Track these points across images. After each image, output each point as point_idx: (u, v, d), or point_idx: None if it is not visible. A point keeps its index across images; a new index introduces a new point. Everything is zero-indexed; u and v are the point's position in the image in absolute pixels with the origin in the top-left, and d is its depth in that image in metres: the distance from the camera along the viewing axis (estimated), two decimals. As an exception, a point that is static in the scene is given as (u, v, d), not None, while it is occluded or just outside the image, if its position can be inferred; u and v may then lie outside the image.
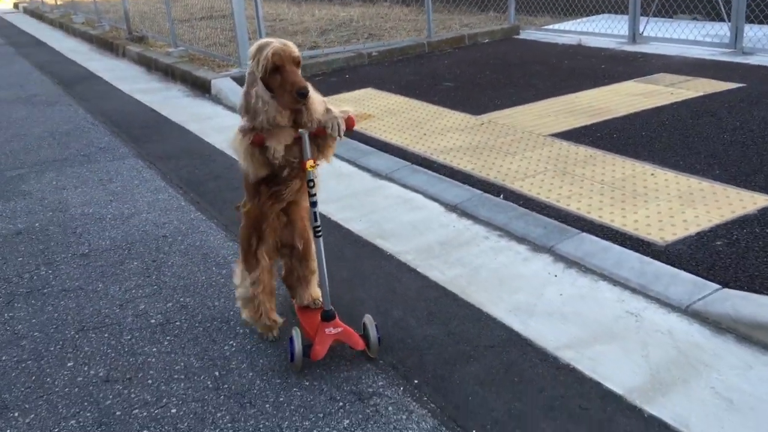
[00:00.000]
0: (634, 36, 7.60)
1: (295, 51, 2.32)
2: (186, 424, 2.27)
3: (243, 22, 7.56)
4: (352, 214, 3.89)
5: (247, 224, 2.61)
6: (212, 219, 3.98)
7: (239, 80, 7.27)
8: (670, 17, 8.56)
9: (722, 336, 2.57)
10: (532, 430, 2.15)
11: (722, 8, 7.04)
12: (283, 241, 2.67)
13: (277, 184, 2.47)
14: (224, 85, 7.17)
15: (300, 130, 2.36)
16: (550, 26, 9.06)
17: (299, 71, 2.31)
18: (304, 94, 2.25)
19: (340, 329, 2.49)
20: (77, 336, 2.83)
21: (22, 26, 16.43)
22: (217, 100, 7.03)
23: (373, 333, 2.52)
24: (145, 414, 2.33)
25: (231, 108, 6.67)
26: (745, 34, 6.80)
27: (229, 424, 2.25)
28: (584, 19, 9.12)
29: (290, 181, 2.47)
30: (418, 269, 3.22)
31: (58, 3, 17.86)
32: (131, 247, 3.65)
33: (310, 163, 2.38)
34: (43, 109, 7.12)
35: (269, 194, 2.49)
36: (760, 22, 7.44)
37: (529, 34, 8.89)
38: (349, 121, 2.42)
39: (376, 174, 4.51)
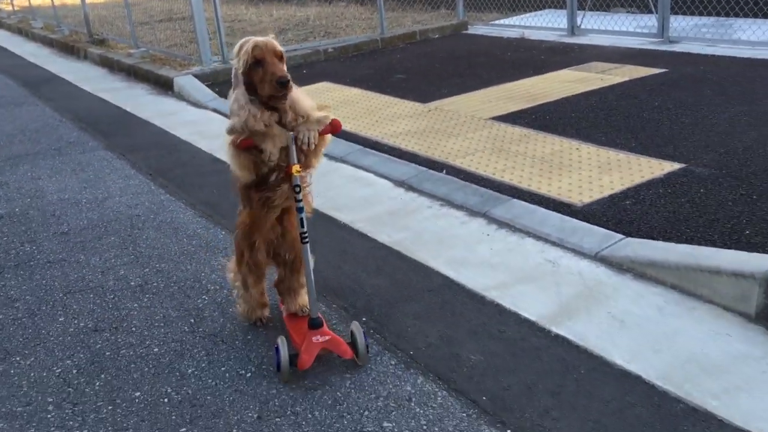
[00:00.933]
0: (573, 29, 8.13)
1: (277, 45, 2.33)
2: (167, 359, 2.65)
3: (203, 23, 7.90)
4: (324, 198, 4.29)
5: (241, 231, 2.63)
6: (180, 200, 4.35)
7: (201, 77, 7.62)
8: (608, 11, 9.13)
9: (622, 275, 3.03)
10: (458, 348, 2.59)
11: (650, 0, 7.61)
12: (276, 250, 2.68)
13: (267, 189, 2.46)
14: (186, 82, 7.50)
15: (288, 132, 2.36)
16: (497, 21, 9.56)
17: (282, 65, 2.30)
18: (284, 83, 2.25)
19: (327, 337, 2.48)
20: (65, 297, 3.19)
21: (-21, 32, 16.44)
22: (180, 97, 7.36)
23: (361, 340, 2.50)
24: (131, 353, 2.71)
25: (194, 104, 7.01)
26: (671, 25, 7.37)
27: (205, 357, 2.65)
28: (529, 14, 9.64)
29: (278, 186, 2.45)
30: (368, 234, 3.64)
31: (15, 9, 17.89)
32: (107, 225, 4.01)
33: (296, 167, 2.36)
34: (11, 109, 7.38)
35: (261, 200, 2.48)
36: (685, 14, 8.03)
37: (476, 29, 9.39)
38: (336, 124, 2.44)
39: (331, 158, 4.92)
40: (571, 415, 2.20)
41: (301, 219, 2.45)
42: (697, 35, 7.25)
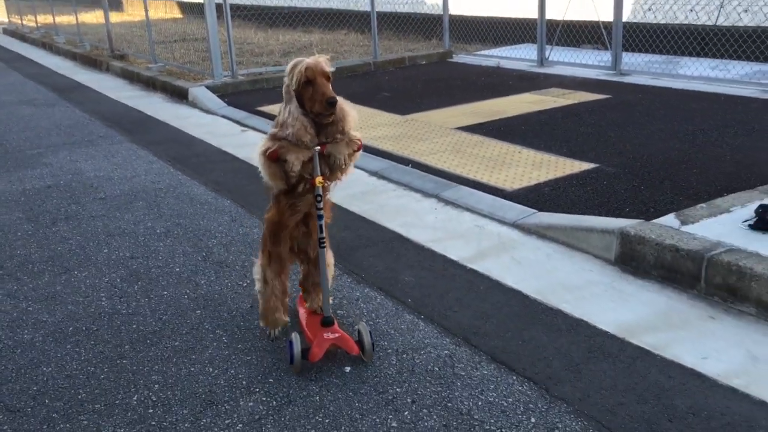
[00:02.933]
0: (542, 60, 9.22)
1: (326, 66, 2.52)
2: (186, 275, 3.64)
3: (216, 43, 9.00)
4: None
5: (267, 227, 2.84)
6: (194, 179, 5.36)
7: (212, 89, 8.69)
8: (577, 46, 10.23)
9: (529, 236, 4.03)
10: (397, 274, 3.58)
11: (605, 39, 8.71)
12: (301, 247, 2.90)
13: (294, 197, 2.68)
14: (200, 92, 8.57)
15: (315, 147, 2.56)
16: (479, 52, 10.67)
17: (329, 84, 2.51)
18: (332, 103, 2.46)
19: (337, 335, 2.70)
20: (107, 238, 4.19)
21: (5, 45, 17.63)
22: (194, 105, 8.42)
23: (367, 339, 2.73)
24: (159, 271, 3.70)
25: (206, 111, 8.06)
26: (626, 60, 8.45)
27: (213, 275, 3.63)
28: (508, 47, 10.75)
29: (304, 195, 2.67)
30: (342, 206, 4.64)
31: (39, 25, 19.09)
32: (136, 194, 5.02)
33: (319, 179, 2.58)
34: (45, 109, 8.43)
35: (287, 205, 2.71)
36: (642, 51, 9.13)
37: (460, 57, 10.49)
38: (360, 146, 2.70)
39: (320, 154, 5.93)
40: (467, 310, 3.18)
41: (320, 225, 2.69)
42: (647, 69, 8.33)
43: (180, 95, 8.89)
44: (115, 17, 15.53)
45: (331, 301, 2.91)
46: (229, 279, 3.58)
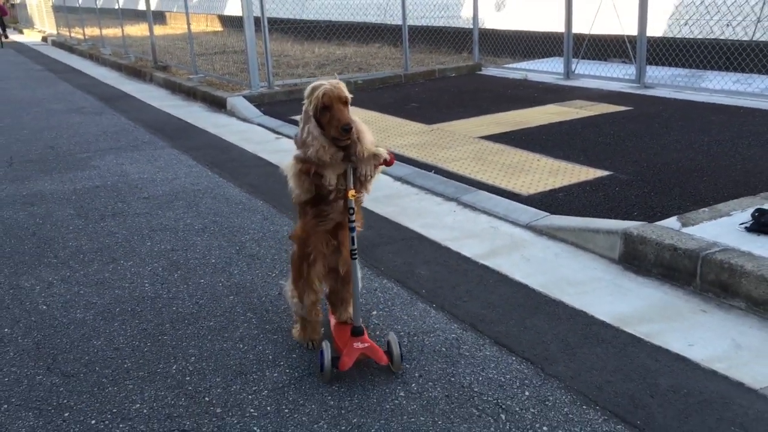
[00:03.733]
0: (568, 73, 9.45)
1: (344, 92, 2.61)
2: (221, 266, 3.98)
3: (254, 56, 9.43)
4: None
5: (297, 250, 2.88)
6: (230, 182, 5.72)
7: (249, 99, 9.11)
8: (605, 60, 10.44)
9: (540, 236, 4.29)
10: (414, 268, 3.87)
11: (630, 53, 8.91)
12: (330, 266, 2.92)
13: (324, 204, 2.75)
14: (237, 102, 8.99)
15: (348, 163, 2.69)
16: (507, 65, 10.94)
17: (347, 109, 2.60)
18: (347, 130, 2.55)
19: (367, 344, 2.76)
20: (150, 233, 4.57)
21: (54, 56, 18.42)
22: (232, 114, 8.84)
23: (396, 350, 2.78)
24: (196, 262, 4.05)
25: (242, 119, 8.46)
26: (650, 73, 8.64)
27: (246, 267, 3.97)
28: (536, 60, 10.99)
29: (335, 202, 2.74)
30: (367, 208, 4.94)
31: (86, 37, 19.90)
32: (177, 195, 5.40)
33: (352, 192, 2.69)
34: (92, 117, 8.94)
35: (315, 213, 2.76)
36: (668, 65, 9.30)
37: (489, 70, 10.77)
38: (391, 160, 2.77)
39: (349, 160, 6.27)
40: (476, 300, 3.46)
41: (353, 237, 2.77)
42: (671, 82, 8.51)
43: (219, 104, 9.32)
44: (158, 30, 16.18)
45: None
46: (260, 270, 3.91)
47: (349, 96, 2.63)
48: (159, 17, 23.11)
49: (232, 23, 19.46)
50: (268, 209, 4.97)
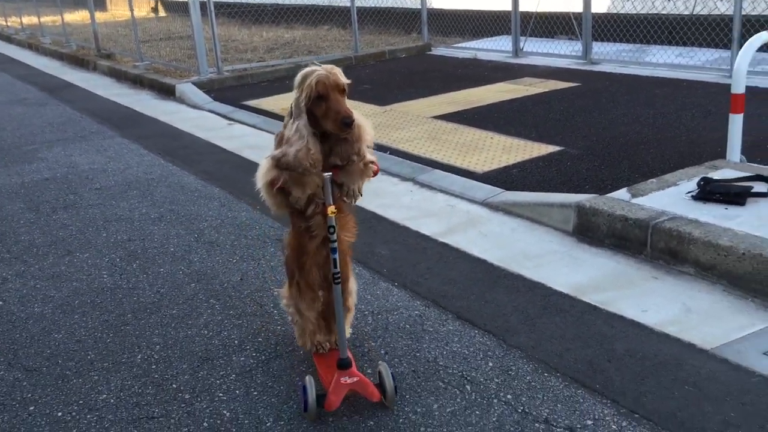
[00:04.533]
0: (516, 51, 9.56)
1: (341, 78, 2.26)
2: (180, 254, 3.95)
3: (201, 41, 9.27)
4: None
5: (290, 253, 2.63)
6: (184, 169, 5.66)
7: (198, 85, 8.97)
8: (552, 37, 10.58)
9: (496, 212, 4.37)
10: (374, 248, 3.90)
11: (576, 29, 9.06)
12: (324, 273, 2.59)
13: (306, 219, 2.44)
14: (186, 88, 8.85)
15: (324, 174, 2.28)
16: (457, 45, 11.00)
17: (345, 99, 2.26)
18: (348, 124, 2.19)
19: (355, 379, 2.43)
20: (105, 224, 4.50)
21: (-10, 46, 17.78)
22: (181, 101, 8.70)
23: (389, 382, 2.44)
24: (155, 251, 4.01)
25: (193, 106, 8.34)
26: (596, 49, 8.81)
27: (206, 254, 3.95)
28: (485, 39, 11.08)
29: (314, 217, 2.41)
30: (324, 191, 4.96)
31: (24, 25, 19.24)
32: (130, 184, 5.32)
33: (331, 209, 2.28)
34: (36, 108, 8.69)
35: (304, 228, 2.47)
36: (613, 41, 9.49)
37: (439, 50, 10.82)
38: (376, 171, 2.47)
39: (303, 144, 6.25)
40: (436, 277, 3.52)
41: (335, 260, 2.37)
42: (616, 58, 8.69)
43: (167, 92, 9.16)
44: (99, 17, 15.73)
45: (348, 333, 2.75)
46: (220, 256, 3.90)
47: (347, 83, 2.29)
48: (99, 3, 22.46)
49: (176, 8, 19.07)
50: (225, 196, 4.94)
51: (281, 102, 7.72)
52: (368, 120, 2.43)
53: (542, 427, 2.34)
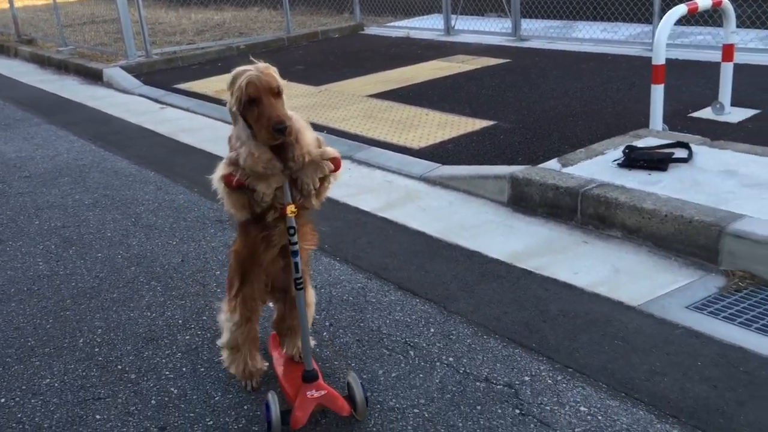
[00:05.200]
0: (448, 29, 9.67)
1: (274, 80, 2.06)
2: (118, 239, 3.90)
3: (128, 23, 9.04)
4: (225, 148, 5.58)
5: (234, 264, 2.40)
6: (117, 154, 5.55)
7: (127, 69, 8.76)
8: (482, 15, 10.73)
9: (434, 187, 4.46)
10: (315, 227, 3.94)
11: (506, 7, 9.23)
12: (277, 285, 2.43)
13: (266, 227, 2.24)
14: (115, 73, 8.63)
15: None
16: (389, 24, 11.04)
17: (281, 102, 2.06)
18: (281, 130, 2.00)
19: (323, 392, 2.25)
20: (37, 211, 4.39)
21: None
22: (109, 86, 8.48)
23: (359, 394, 2.28)
24: (91, 237, 3.95)
25: (122, 91, 8.14)
26: (525, 26, 9.00)
27: (144, 237, 3.91)
28: (417, 18, 11.15)
29: (277, 225, 2.23)
30: (262, 171, 4.96)
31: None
32: (61, 171, 5.19)
33: (290, 208, 2.15)
34: (-45, 96, 8.34)
35: (261, 237, 2.27)
36: (541, 17, 9.70)
37: (371, 29, 10.84)
38: (338, 164, 2.24)
39: (239, 126, 6.21)
40: (377, 251, 3.59)
41: (296, 263, 2.22)
42: (545, 34, 8.89)
43: (94, 77, 8.91)
44: (17, 2, 15.11)
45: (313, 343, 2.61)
46: (159, 239, 3.87)
47: (282, 84, 2.09)
48: (17, -13, 21.50)
49: (99, -9, 18.42)
50: (161, 179, 4.88)
51: (213, 85, 7.63)
52: (307, 124, 2.23)
53: (483, 385, 2.45)
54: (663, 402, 2.31)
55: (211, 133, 5.98)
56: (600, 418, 2.25)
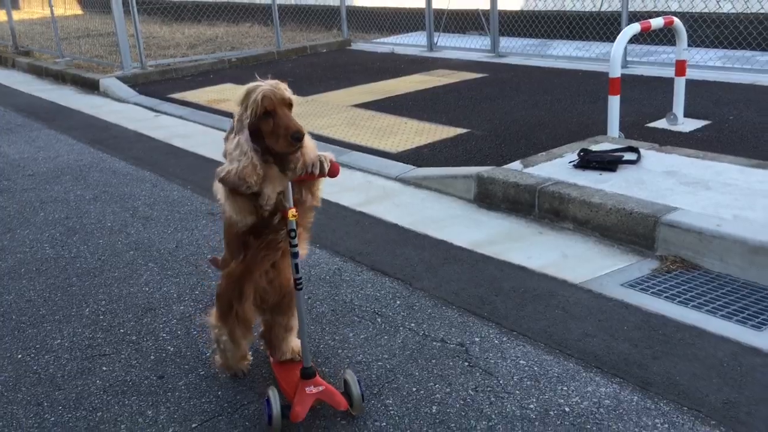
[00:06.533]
0: (431, 46, 10.14)
1: (287, 93, 2.22)
2: (118, 227, 4.27)
3: (125, 36, 9.45)
4: (216, 152, 5.97)
5: (227, 285, 2.47)
6: (115, 156, 5.93)
7: (122, 80, 9.15)
8: (463, 33, 11.22)
9: (408, 186, 4.86)
10: (298, 217, 4.33)
11: (485, 25, 9.71)
12: (265, 297, 2.52)
13: (269, 232, 2.33)
14: (111, 83, 9.02)
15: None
16: (375, 40, 11.51)
17: (291, 113, 2.22)
18: (298, 138, 2.14)
19: (321, 388, 2.37)
20: (41, 205, 4.75)
21: None
22: (106, 95, 8.87)
23: (356, 390, 2.39)
24: (93, 227, 4.31)
25: (118, 100, 8.53)
26: (502, 44, 9.47)
27: (141, 228, 4.28)
28: (402, 35, 11.63)
29: (281, 229, 2.33)
30: (251, 172, 5.34)
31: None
32: (63, 170, 5.56)
33: (292, 211, 2.26)
34: (-43, 103, 8.70)
35: (264, 244, 2.35)
36: (520, 36, 10.19)
37: (358, 45, 11.30)
38: (333, 167, 2.37)
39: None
40: (354, 239, 3.97)
41: (296, 265, 2.35)
42: (522, 51, 9.37)
43: (91, 86, 9.29)
44: (14, 15, 15.49)
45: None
46: (155, 229, 4.24)
47: (293, 97, 2.24)
48: (12, 2, 21.93)
49: (93, 5, 18.87)
50: (156, 178, 5.26)
51: (207, 95, 8.03)
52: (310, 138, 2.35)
53: (438, 344, 2.83)
54: (591, 357, 2.70)
55: (204, 138, 6.37)
56: (536, 368, 2.64)
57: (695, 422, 2.30)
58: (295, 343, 2.68)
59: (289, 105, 2.22)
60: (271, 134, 2.16)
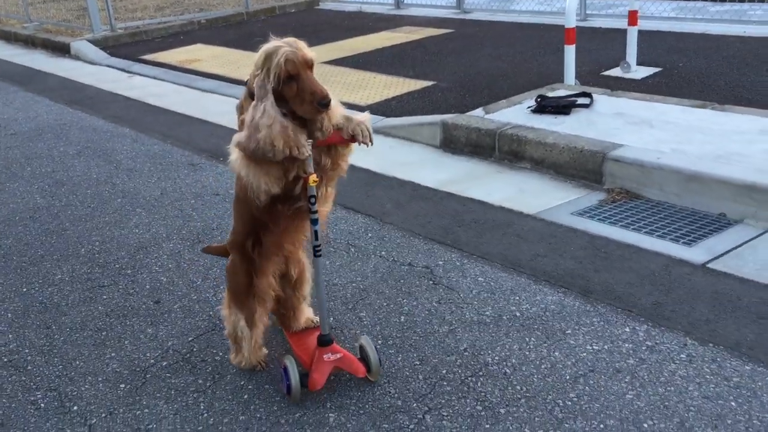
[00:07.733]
0: (398, 3, 10.33)
1: (308, 53, 2.08)
2: (103, 179, 4.51)
3: (94, 1, 9.49)
4: (191, 109, 6.18)
5: (239, 261, 2.39)
6: (93, 115, 6.11)
7: (93, 42, 9.23)
8: (431, -9, 11.39)
9: (378, 135, 5.14)
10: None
11: (450, -19, 9.92)
12: (279, 271, 2.47)
13: (294, 200, 2.24)
14: (82, 46, 9.10)
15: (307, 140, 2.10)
16: (343, -1, 11.65)
17: (314, 76, 2.07)
18: (326, 104, 2.04)
19: (339, 355, 2.34)
20: (27, 161, 4.96)
21: None
22: (77, 58, 8.96)
23: (373, 356, 2.37)
24: (79, 179, 4.55)
25: (90, 62, 8.64)
26: (467, 0, 9.70)
27: (126, 178, 4.52)
28: (370, -7, 11.76)
29: (301, 195, 2.23)
30: (225, 125, 5.58)
31: None
32: (44, 129, 5.74)
33: (312, 177, 2.16)
34: (-72, 69, 8.73)
35: (294, 211, 2.26)
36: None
37: (326, 4, 11.43)
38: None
39: (205, 90, 6.80)
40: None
41: (315, 232, 2.28)
42: (486, 7, 9.61)
43: (62, 50, 9.36)
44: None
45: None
46: (140, 179, 4.49)
47: (314, 57, 2.09)
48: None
49: (57, -31, 18.56)
50: (136, 134, 5.48)
51: (178, 55, 8.17)
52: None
53: (406, 267, 3.16)
54: (540, 272, 3.05)
55: (178, 97, 6.56)
56: (492, 284, 2.98)
57: (627, 320, 2.66)
58: (306, 312, 2.65)
59: (311, 66, 2.08)
60: (295, 98, 2.05)
